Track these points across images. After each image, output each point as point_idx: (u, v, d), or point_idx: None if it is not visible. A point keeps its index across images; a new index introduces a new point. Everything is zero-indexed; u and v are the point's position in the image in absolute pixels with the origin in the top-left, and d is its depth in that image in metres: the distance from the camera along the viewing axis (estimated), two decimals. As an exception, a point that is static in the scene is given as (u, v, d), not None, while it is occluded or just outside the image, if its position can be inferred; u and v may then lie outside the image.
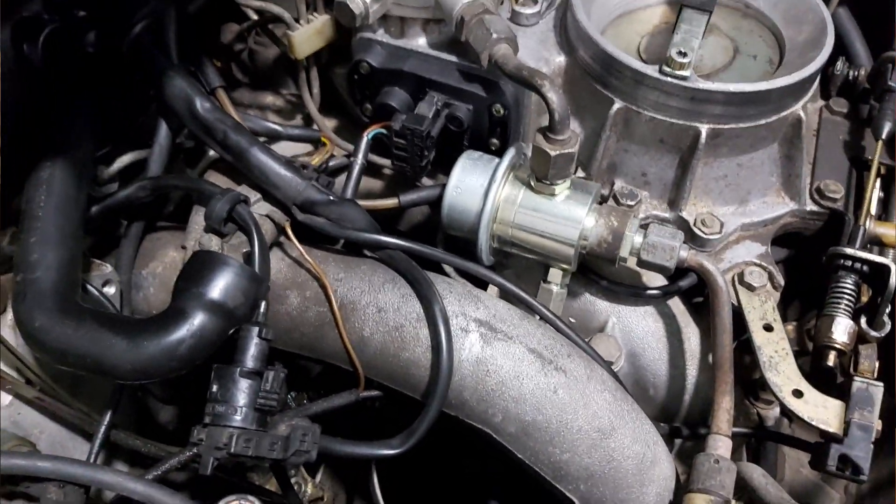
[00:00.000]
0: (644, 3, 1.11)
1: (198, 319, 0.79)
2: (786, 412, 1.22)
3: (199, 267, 0.81)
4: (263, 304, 0.85)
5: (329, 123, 1.19)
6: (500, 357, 0.90)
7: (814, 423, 0.89)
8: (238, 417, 0.77)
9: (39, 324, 0.78)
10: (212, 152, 1.13)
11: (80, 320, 0.78)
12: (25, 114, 0.98)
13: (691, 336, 1.05)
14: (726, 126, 0.95)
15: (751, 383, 1.18)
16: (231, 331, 0.81)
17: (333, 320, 0.93)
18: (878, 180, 1.05)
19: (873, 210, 1.03)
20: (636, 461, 0.90)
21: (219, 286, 0.80)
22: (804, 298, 1.21)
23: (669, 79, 0.92)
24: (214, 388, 0.79)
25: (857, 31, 1.19)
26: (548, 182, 0.93)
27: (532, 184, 0.95)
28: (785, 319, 1.09)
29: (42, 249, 0.82)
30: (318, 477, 1.41)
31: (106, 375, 0.78)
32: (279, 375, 0.81)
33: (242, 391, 0.78)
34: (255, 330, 0.81)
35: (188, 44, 1.06)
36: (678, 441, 1.08)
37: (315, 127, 1.15)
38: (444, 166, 1.04)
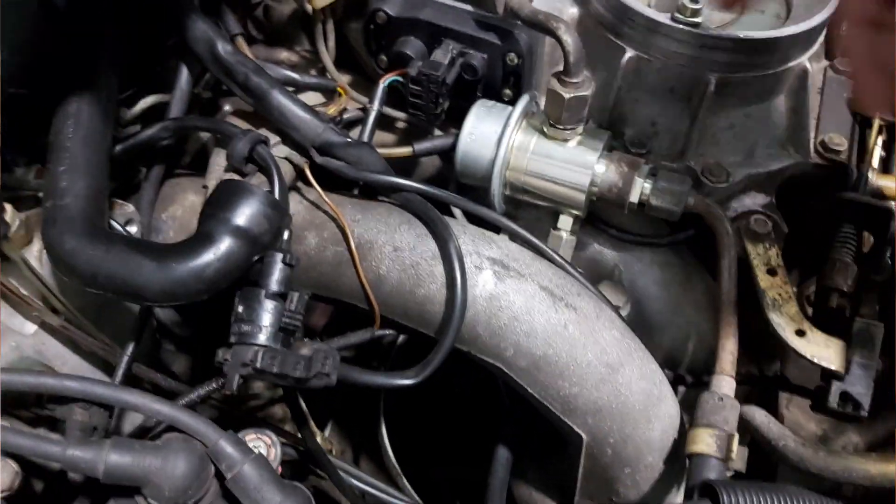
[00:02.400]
0: (654, -41, 1.13)
1: (224, 244, 0.81)
2: (782, 374, 1.26)
3: (226, 194, 0.84)
4: (287, 232, 0.87)
5: (342, 79, 1.21)
6: (513, 293, 0.92)
7: (816, 360, 0.92)
8: (263, 336, 0.79)
9: (70, 247, 0.80)
10: (227, 106, 1.15)
11: (110, 244, 0.81)
12: (49, 55, 1.00)
13: (696, 285, 1.08)
14: (735, 75, 0.98)
15: (752, 337, 1.21)
16: (256, 257, 0.84)
17: (351, 259, 0.96)
18: (880, 135, 1.08)
19: (875, 164, 1.06)
20: (643, 397, 0.93)
21: (244, 213, 0.82)
22: (804, 266, 1.24)
23: (681, 26, 0.95)
24: (240, 309, 0.81)
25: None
26: (561, 126, 0.96)
27: (545, 130, 0.98)
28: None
29: (71, 178, 0.84)
30: (327, 431, 1.43)
31: (134, 298, 0.80)
32: (303, 297, 0.83)
33: (267, 311, 0.80)
34: (280, 255, 0.84)
35: (208, -8, 1.08)
36: (682, 389, 1.11)
37: (330, 79, 1.17)
38: (456, 119, 1.06)
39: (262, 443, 0.89)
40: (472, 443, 1.28)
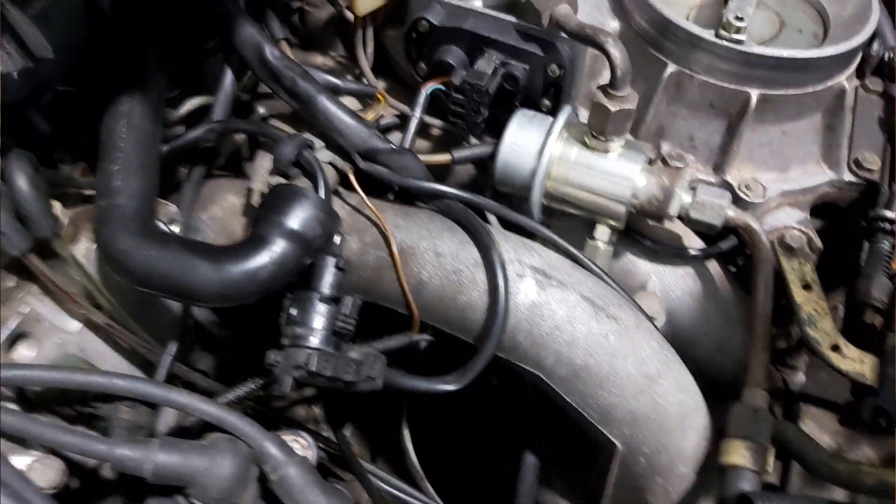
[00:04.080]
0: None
1: (278, 247, 0.82)
2: (806, 395, 1.27)
3: (280, 198, 0.85)
4: (338, 237, 0.88)
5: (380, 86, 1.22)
6: (555, 303, 0.93)
7: (851, 375, 0.93)
8: (316, 340, 0.80)
9: (124, 246, 0.81)
10: (262, 109, 1.16)
11: (165, 244, 0.82)
12: (95, 58, 1.01)
13: (729, 298, 1.09)
14: (776, 92, 0.99)
15: (777, 351, 1.22)
16: (308, 261, 0.85)
17: (392, 264, 0.97)
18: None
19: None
20: (679, 408, 0.94)
21: (298, 216, 0.84)
22: (830, 279, 1.25)
23: (725, 42, 0.96)
24: (293, 311, 0.82)
25: (887, 15, 1.23)
26: (604, 139, 0.97)
27: (587, 141, 0.99)
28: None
29: (124, 177, 0.85)
30: (347, 432, 1.43)
31: (187, 298, 0.81)
32: (357, 302, 0.84)
33: (320, 315, 0.81)
34: (332, 260, 0.85)
35: (252, -2, 1.09)
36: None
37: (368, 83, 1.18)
38: (493, 128, 1.07)
39: (299, 445, 0.89)
40: (492, 442, 1.30)
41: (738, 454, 0.89)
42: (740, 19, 0.96)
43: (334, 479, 1.26)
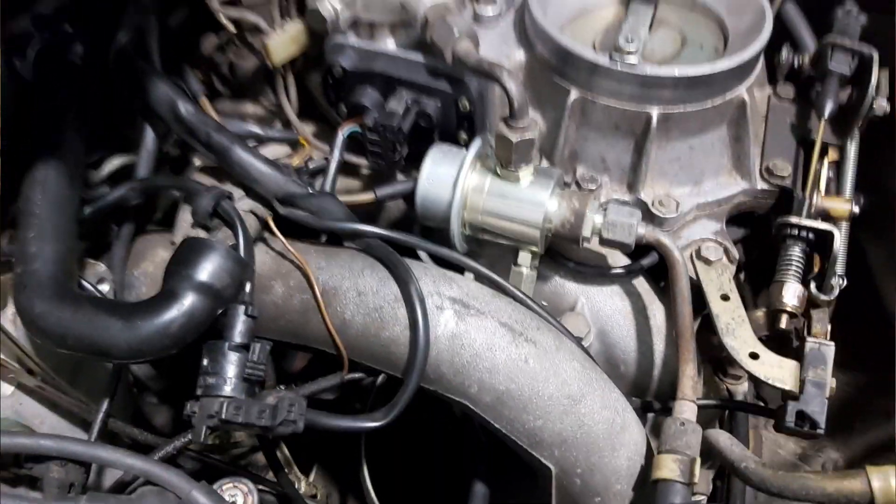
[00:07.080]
0: (598, 4, 1.18)
1: (188, 300, 0.84)
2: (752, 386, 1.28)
3: (189, 252, 0.87)
4: (249, 284, 0.90)
5: (306, 129, 1.25)
6: (474, 331, 0.95)
7: (770, 381, 0.95)
8: (228, 388, 0.82)
9: (40, 311, 0.83)
10: (196, 161, 1.19)
11: (78, 305, 0.84)
12: (18, 125, 1.04)
13: (657, 313, 1.11)
14: (675, 110, 1.02)
15: (719, 360, 1.24)
16: (219, 311, 0.87)
17: (317, 306, 0.99)
18: (825, 158, 1.12)
19: (821, 186, 1.10)
20: (606, 426, 0.96)
21: (207, 269, 0.86)
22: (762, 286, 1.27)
23: (619, 66, 0.99)
24: (205, 362, 0.84)
25: (804, 21, 1.26)
26: (512, 168, 0.99)
27: (498, 171, 1.02)
28: (749, 307, 1.14)
29: (39, 243, 0.87)
30: (312, 476, 1.45)
31: (103, 356, 0.83)
32: (265, 347, 0.86)
33: (231, 363, 0.83)
34: (242, 308, 0.87)
35: (171, 56, 1.12)
36: (650, 415, 1.14)
37: (294, 130, 1.21)
38: (417, 162, 1.10)
39: (239, 491, 0.92)
40: (455, 478, 1.31)
41: (667, 468, 0.90)
42: (630, 41, 0.98)
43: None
